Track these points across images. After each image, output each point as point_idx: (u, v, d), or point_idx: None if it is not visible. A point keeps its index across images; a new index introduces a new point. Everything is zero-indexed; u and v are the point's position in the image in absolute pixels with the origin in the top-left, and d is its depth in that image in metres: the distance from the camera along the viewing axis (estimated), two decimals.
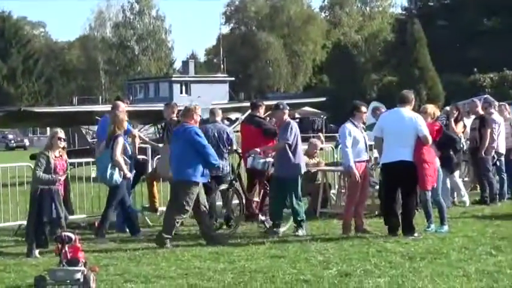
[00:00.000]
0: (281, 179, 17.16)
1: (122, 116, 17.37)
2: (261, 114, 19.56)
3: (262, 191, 18.31)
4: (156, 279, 12.53)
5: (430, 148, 16.70)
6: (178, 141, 16.45)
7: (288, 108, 18.13)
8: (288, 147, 16.91)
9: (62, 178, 15.89)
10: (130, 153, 17.96)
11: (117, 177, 16.63)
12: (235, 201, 18.13)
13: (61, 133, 15.93)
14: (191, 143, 16.08)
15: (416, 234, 16.08)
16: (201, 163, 16.09)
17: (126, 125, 18.11)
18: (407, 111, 16.62)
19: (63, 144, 16.27)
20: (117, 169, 16.53)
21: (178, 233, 17.18)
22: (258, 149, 17.51)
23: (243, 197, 17.81)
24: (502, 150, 22.76)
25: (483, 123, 22.27)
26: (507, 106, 25.14)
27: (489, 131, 22.03)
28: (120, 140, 16.75)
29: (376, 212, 19.24)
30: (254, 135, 19.04)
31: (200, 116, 17.30)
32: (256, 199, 18.21)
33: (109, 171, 16.46)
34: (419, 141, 16.36)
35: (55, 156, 15.37)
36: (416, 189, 16.75)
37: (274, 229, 17.03)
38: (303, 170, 17.45)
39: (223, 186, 17.96)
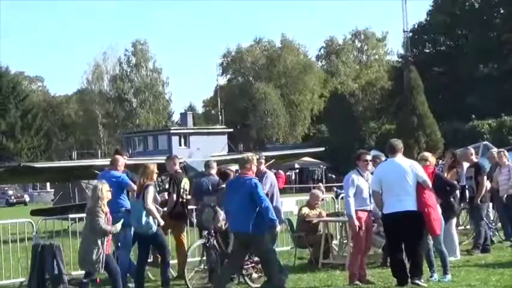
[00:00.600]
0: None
1: (152, 167, 17.50)
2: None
3: None
4: None
5: (431, 192, 16.67)
6: (237, 192, 16.22)
7: (263, 157, 18.23)
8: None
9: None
10: (160, 202, 18.09)
11: (152, 224, 16.69)
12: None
13: (106, 184, 16.15)
14: (250, 195, 15.95)
15: (422, 281, 16.04)
16: (261, 215, 15.99)
17: (155, 176, 18.33)
18: (401, 159, 16.55)
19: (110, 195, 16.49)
20: (151, 217, 16.61)
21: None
22: None
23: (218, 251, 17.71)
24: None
25: (478, 171, 22.32)
26: (506, 152, 25.14)
27: (485, 177, 22.08)
28: (151, 189, 16.82)
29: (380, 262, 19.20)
30: None
31: (256, 165, 17.32)
32: None
33: (144, 219, 16.53)
34: (420, 186, 16.36)
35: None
36: (423, 236, 16.73)
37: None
38: (282, 217, 17.54)
39: (200, 241, 17.96)
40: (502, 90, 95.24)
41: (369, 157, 17.81)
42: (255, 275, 17.39)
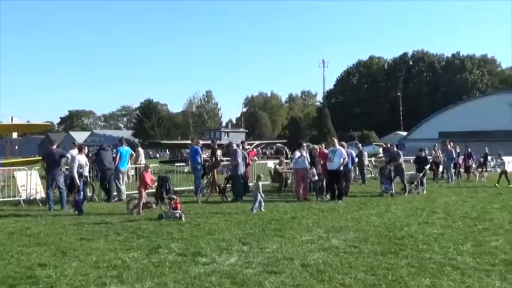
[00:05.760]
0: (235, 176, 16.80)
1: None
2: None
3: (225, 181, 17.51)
4: (217, 215, 12.34)
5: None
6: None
7: (236, 143, 18.69)
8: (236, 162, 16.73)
9: None
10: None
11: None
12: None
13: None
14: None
15: (341, 201, 15.73)
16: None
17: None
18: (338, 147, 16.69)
19: None
20: None
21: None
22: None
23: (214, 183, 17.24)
24: None
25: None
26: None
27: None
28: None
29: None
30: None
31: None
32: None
33: None
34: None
35: None
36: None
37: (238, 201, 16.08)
38: (241, 171, 16.99)
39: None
40: (364, 120, 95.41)
41: (305, 144, 17.76)
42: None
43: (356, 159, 23.43)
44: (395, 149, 20.14)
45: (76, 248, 8.84)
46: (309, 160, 17.13)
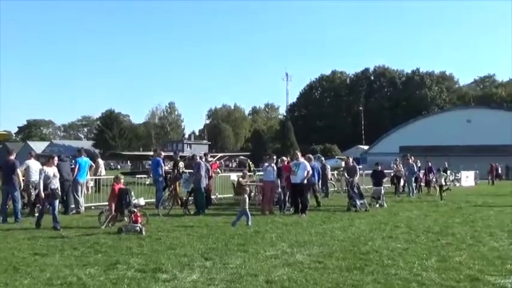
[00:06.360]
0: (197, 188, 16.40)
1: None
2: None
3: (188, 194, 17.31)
4: (178, 229, 12.04)
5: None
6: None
7: (199, 156, 18.16)
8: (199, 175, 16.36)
9: None
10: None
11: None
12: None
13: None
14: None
15: (305, 215, 15.62)
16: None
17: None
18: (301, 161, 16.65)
19: None
20: None
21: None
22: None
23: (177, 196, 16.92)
24: None
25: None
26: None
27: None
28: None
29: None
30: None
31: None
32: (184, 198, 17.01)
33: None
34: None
35: None
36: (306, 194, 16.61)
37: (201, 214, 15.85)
38: (203, 184, 16.62)
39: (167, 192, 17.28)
40: (326, 133, 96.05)
41: (273, 157, 17.61)
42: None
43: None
44: (352, 163, 20.23)
45: (29, 263, 8.42)
46: (275, 172, 16.98)
